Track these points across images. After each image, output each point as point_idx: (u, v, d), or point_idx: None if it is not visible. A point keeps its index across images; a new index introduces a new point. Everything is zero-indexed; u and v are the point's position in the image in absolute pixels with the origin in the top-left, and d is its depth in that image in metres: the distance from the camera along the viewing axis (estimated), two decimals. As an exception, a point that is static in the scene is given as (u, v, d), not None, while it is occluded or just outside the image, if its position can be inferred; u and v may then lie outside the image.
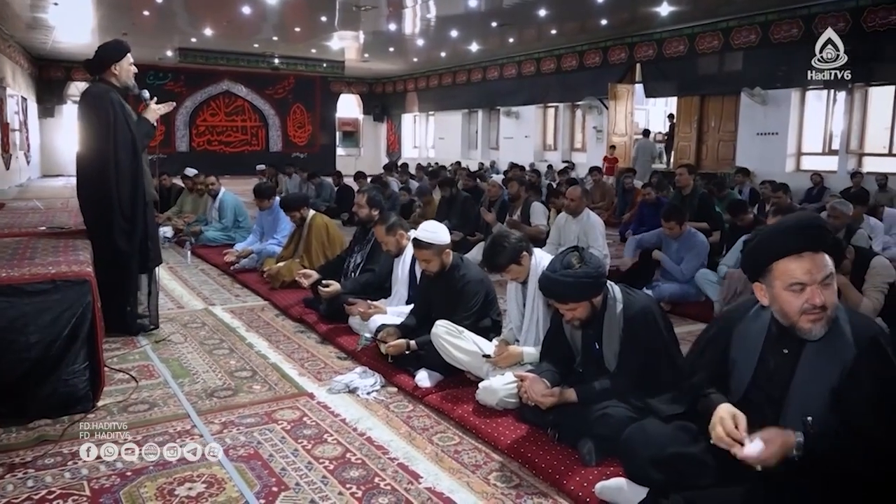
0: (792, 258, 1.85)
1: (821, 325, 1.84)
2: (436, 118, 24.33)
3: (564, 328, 2.93)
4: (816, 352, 1.89)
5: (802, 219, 2.00)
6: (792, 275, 1.85)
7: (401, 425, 3.08)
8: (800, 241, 1.86)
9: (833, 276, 1.86)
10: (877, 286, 3.93)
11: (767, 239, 1.95)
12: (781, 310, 1.90)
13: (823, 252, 1.85)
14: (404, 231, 4.29)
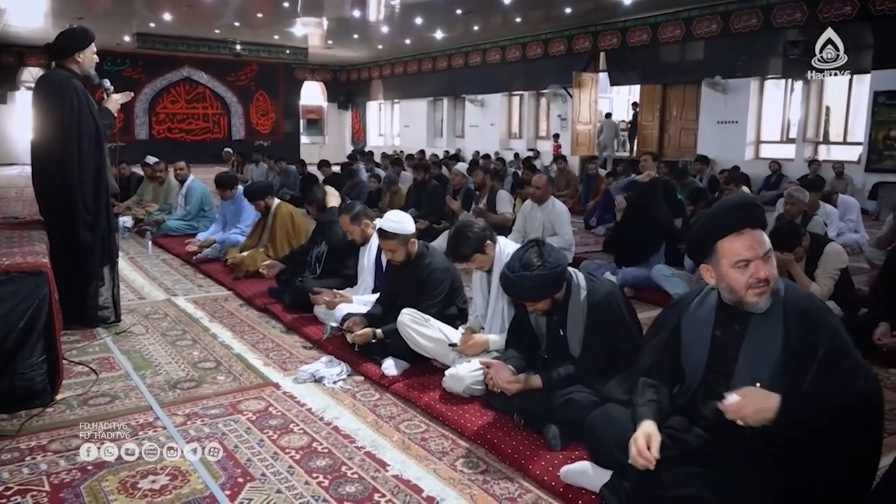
0: (734, 236, 1.94)
1: (766, 298, 1.94)
2: (401, 106, 24.21)
3: (529, 315, 2.95)
4: (760, 324, 1.98)
5: (739, 198, 2.10)
6: (736, 252, 1.93)
7: (367, 414, 3.08)
8: (739, 219, 1.95)
9: (772, 252, 1.95)
10: (828, 272, 4.06)
11: (709, 221, 2.05)
12: (729, 287, 1.98)
13: (761, 229, 1.95)
14: (369, 220, 4.27)
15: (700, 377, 2.13)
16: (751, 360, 1.99)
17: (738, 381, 2.00)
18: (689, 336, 2.16)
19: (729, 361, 2.04)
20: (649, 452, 1.94)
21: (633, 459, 1.99)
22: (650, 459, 1.94)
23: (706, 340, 2.10)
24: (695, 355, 2.14)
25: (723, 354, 2.06)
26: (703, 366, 2.12)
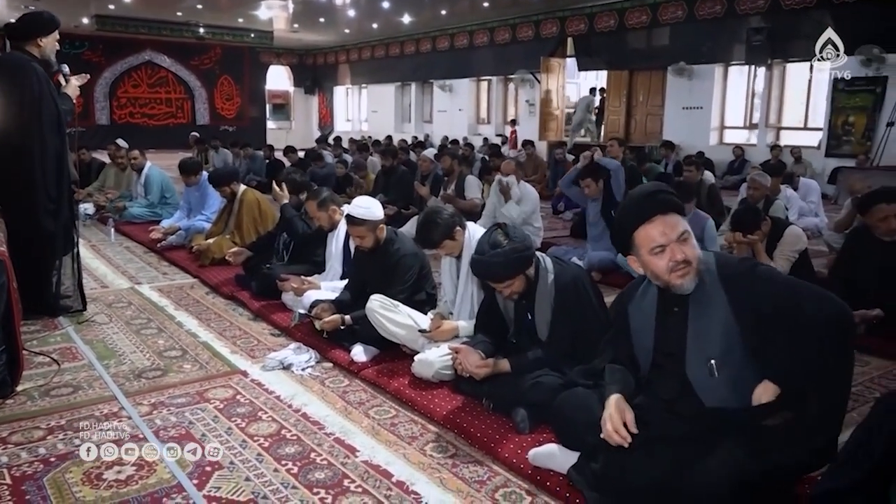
0: (646, 225, 2.00)
1: (689, 279, 2.00)
2: (369, 91, 24.02)
3: (498, 300, 2.97)
4: (700, 302, 2.04)
5: (646, 188, 2.16)
6: (651, 239, 1.99)
7: (336, 400, 3.08)
8: (647, 207, 2.02)
9: (689, 233, 2.01)
10: (785, 254, 4.17)
11: (621, 215, 2.13)
12: (653, 273, 2.05)
13: (673, 213, 2.01)
14: (337, 206, 4.24)
15: (650, 363, 2.19)
16: (699, 339, 2.05)
17: (692, 361, 2.06)
18: (636, 324, 2.23)
19: (678, 343, 2.10)
20: (625, 430, 1.99)
21: (608, 436, 2.02)
22: (626, 437, 1.99)
23: (651, 326, 2.17)
24: (643, 342, 2.21)
25: (670, 338, 2.12)
26: (651, 351, 2.18)
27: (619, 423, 2.02)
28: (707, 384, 2.04)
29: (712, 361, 2.01)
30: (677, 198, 2.07)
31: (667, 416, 2.10)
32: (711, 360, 2.01)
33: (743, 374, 1.99)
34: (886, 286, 3.85)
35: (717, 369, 2.01)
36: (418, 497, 2.29)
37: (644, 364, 2.22)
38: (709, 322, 2.03)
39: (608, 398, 2.12)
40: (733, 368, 2.00)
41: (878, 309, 3.82)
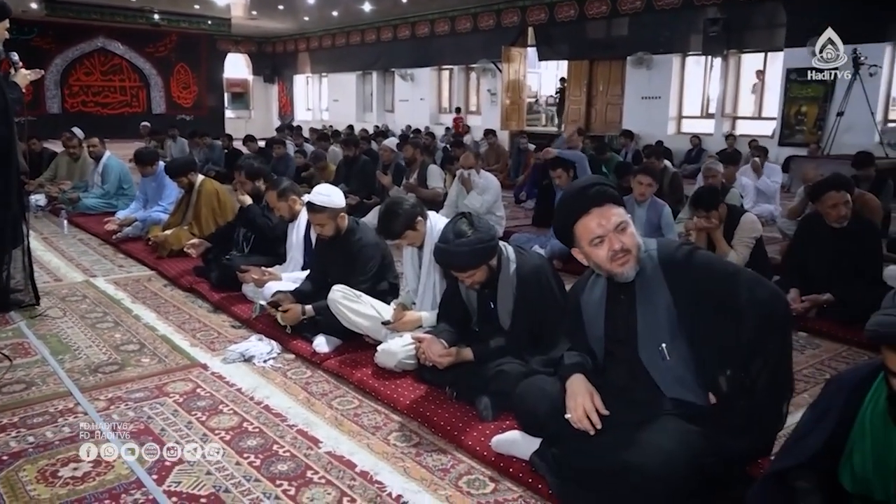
0: (584, 218, 2.05)
1: (630, 266, 2.06)
2: (329, 80, 23.78)
3: (460, 289, 2.97)
4: (644, 289, 2.09)
5: (581, 182, 2.20)
6: (589, 231, 2.05)
7: (299, 392, 3.06)
8: (583, 201, 2.07)
9: (627, 222, 2.06)
10: (744, 241, 4.27)
11: (559, 210, 2.17)
12: (595, 263, 2.11)
13: (609, 204, 2.06)
14: (297, 196, 4.20)
15: (603, 351, 2.24)
16: (649, 325, 2.10)
17: (644, 347, 2.11)
18: (587, 314, 2.28)
19: (629, 331, 2.15)
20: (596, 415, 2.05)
21: (579, 419, 2.05)
22: (597, 422, 2.04)
23: (601, 316, 2.22)
24: (595, 331, 2.26)
25: (621, 326, 2.17)
26: (603, 339, 2.24)
27: (590, 408, 2.06)
28: (661, 367, 2.09)
29: (663, 345, 2.07)
30: (613, 189, 2.13)
31: (623, 402, 2.13)
32: (662, 345, 2.07)
33: (691, 355, 2.05)
34: (836, 271, 3.97)
35: (668, 353, 2.07)
36: (382, 486, 2.29)
37: (598, 352, 2.27)
38: (655, 308, 2.09)
39: (570, 378, 2.16)
40: (683, 351, 2.06)
41: (828, 293, 3.94)
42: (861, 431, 1.61)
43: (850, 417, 1.63)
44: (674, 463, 1.92)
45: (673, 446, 1.93)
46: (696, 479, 1.96)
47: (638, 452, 1.96)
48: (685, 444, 1.94)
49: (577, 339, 2.33)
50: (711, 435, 1.98)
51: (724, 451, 1.97)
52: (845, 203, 3.96)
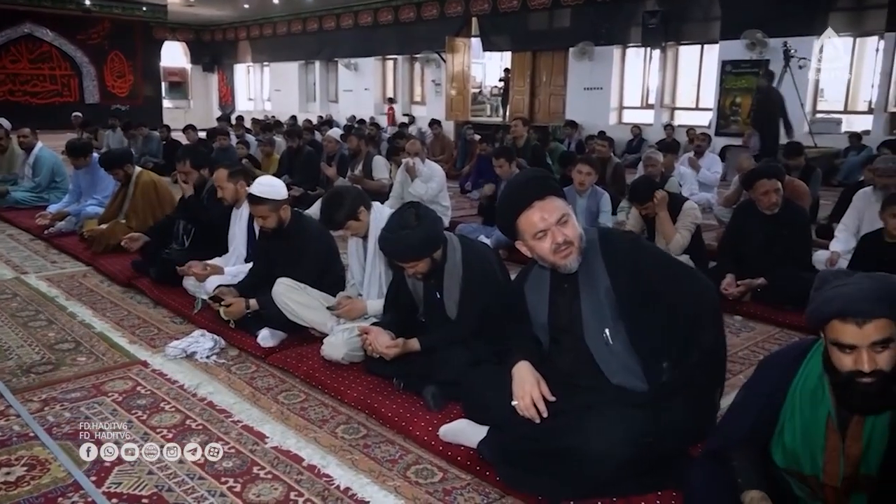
0: (526, 212, 2.07)
1: (573, 258, 2.09)
2: (271, 69, 23.34)
3: (406, 280, 2.97)
4: (586, 277, 2.14)
5: (522, 177, 2.23)
6: (532, 224, 2.07)
7: (244, 387, 3.01)
8: (524, 195, 2.09)
9: (569, 215, 2.09)
10: (686, 226, 4.40)
11: (501, 205, 2.20)
12: (539, 256, 2.13)
13: (551, 197, 2.08)
14: (245, 182, 4.09)
15: (548, 339, 2.28)
16: (593, 312, 2.15)
17: (589, 333, 2.16)
18: (532, 304, 2.31)
19: (574, 319, 2.19)
20: (542, 404, 2.07)
21: (526, 408, 2.08)
22: (543, 410, 2.07)
23: (545, 305, 2.26)
24: (540, 320, 2.29)
25: (565, 314, 2.21)
26: (547, 328, 2.28)
27: (538, 397, 2.08)
28: (605, 353, 2.14)
29: (606, 331, 2.12)
30: (554, 181, 2.16)
31: (568, 388, 2.17)
32: (605, 330, 2.12)
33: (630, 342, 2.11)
34: (769, 256, 4.12)
35: (611, 338, 2.12)
36: (330, 479, 2.28)
37: (544, 340, 2.30)
38: (597, 295, 2.14)
39: (516, 366, 2.18)
40: (625, 336, 2.11)
41: (762, 278, 4.09)
42: (791, 408, 1.69)
43: (780, 396, 1.70)
44: (616, 445, 1.98)
45: (615, 429, 1.99)
46: (637, 461, 2.02)
47: (581, 436, 2.01)
48: (627, 427, 2.00)
49: (521, 327, 2.36)
50: (652, 418, 2.04)
51: (665, 433, 2.04)
52: (776, 190, 4.11)
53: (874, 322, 1.48)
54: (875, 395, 1.51)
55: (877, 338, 1.48)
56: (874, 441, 1.58)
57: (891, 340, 1.49)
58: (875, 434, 1.57)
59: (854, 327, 1.49)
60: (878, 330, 1.48)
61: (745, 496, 1.64)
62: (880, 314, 1.48)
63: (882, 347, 1.49)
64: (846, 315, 1.50)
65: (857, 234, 4.49)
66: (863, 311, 1.48)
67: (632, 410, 2.04)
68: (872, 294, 1.48)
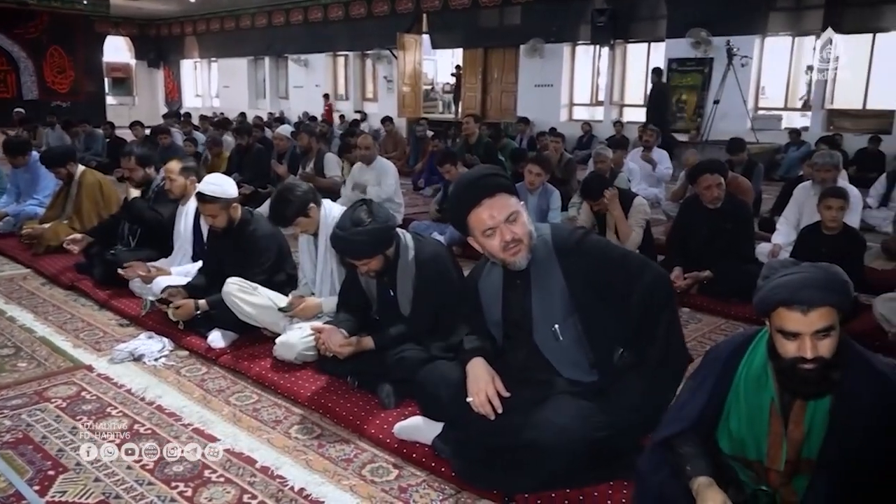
0: (476, 209, 2.08)
1: (522, 255, 2.11)
2: (219, 65, 22.88)
3: (359, 278, 2.95)
4: (538, 274, 2.17)
5: (472, 174, 2.22)
6: (481, 222, 2.08)
7: (194, 389, 2.95)
8: (474, 193, 2.10)
9: (518, 213, 2.10)
10: (638, 222, 4.50)
11: (452, 201, 2.20)
12: (489, 252, 2.15)
13: (501, 194, 2.07)
14: (196, 179, 4.01)
15: (501, 334, 2.30)
16: (543, 308, 2.18)
17: (538, 328, 2.19)
18: (485, 299, 2.33)
19: (525, 314, 2.22)
20: (497, 400, 2.09)
21: (481, 404, 2.09)
22: (498, 407, 2.08)
23: (498, 300, 2.28)
24: (493, 316, 2.31)
25: (517, 310, 2.24)
26: (500, 323, 2.29)
27: (492, 393, 2.10)
28: (555, 349, 2.18)
29: (556, 326, 2.15)
30: (505, 178, 2.16)
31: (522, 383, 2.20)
32: (555, 326, 2.15)
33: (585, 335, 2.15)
34: (714, 249, 4.23)
35: (560, 333, 2.15)
36: (284, 480, 2.25)
37: (497, 336, 2.32)
38: (548, 291, 2.16)
39: (470, 362, 2.19)
40: (576, 331, 2.15)
41: (708, 271, 4.20)
42: (736, 396, 1.74)
43: (726, 384, 1.75)
44: (569, 437, 2.01)
45: (568, 422, 2.02)
46: (591, 452, 2.06)
47: (535, 430, 2.04)
48: (580, 420, 2.04)
49: (475, 323, 2.37)
50: (606, 410, 2.08)
51: (618, 424, 2.08)
52: (718, 185, 4.22)
53: (818, 310, 1.53)
54: (816, 381, 1.57)
55: (820, 326, 1.54)
56: (815, 426, 1.63)
57: (833, 328, 1.55)
58: (816, 419, 1.63)
59: (799, 315, 1.54)
60: (822, 318, 1.54)
61: (692, 483, 1.68)
62: (824, 303, 1.53)
63: (824, 335, 1.55)
64: (792, 303, 1.55)
65: (797, 227, 4.65)
66: (808, 299, 1.53)
67: (585, 404, 2.08)
68: (818, 283, 1.54)
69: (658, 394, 2.11)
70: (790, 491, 1.70)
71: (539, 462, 2.06)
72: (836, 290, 1.55)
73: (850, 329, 3.45)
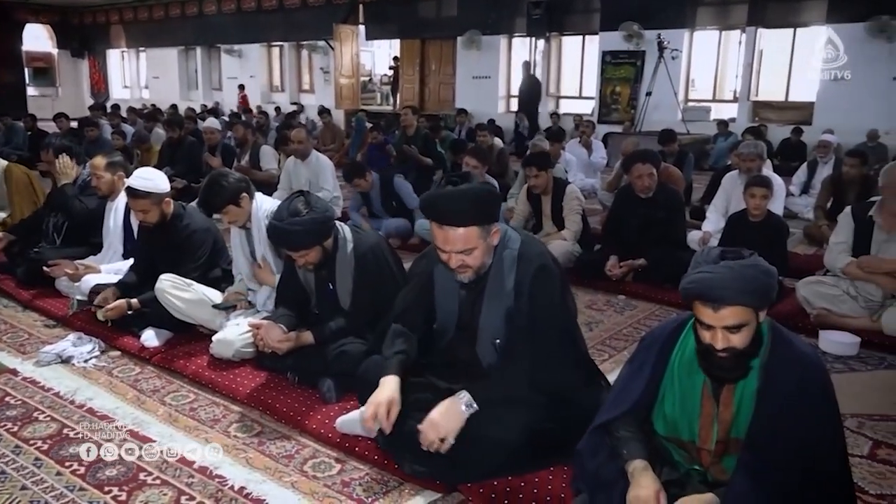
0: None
1: (467, 277, 2.13)
2: (148, 55, 22.11)
3: (298, 272, 2.91)
4: (495, 282, 2.18)
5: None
6: (436, 240, 2.10)
7: (127, 390, 2.86)
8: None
9: (476, 248, 2.06)
10: (573, 209, 4.61)
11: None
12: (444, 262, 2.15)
13: (471, 227, 2.03)
14: (124, 174, 3.86)
15: (453, 329, 2.31)
16: (489, 318, 2.20)
17: (482, 337, 2.21)
18: (440, 287, 2.31)
19: (473, 318, 2.24)
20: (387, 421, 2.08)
21: (364, 421, 2.10)
22: (386, 427, 2.08)
23: (455, 295, 2.27)
24: (448, 307, 2.30)
25: (468, 310, 2.25)
26: (455, 318, 2.29)
27: (382, 416, 2.08)
28: (493, 361, 2.21)
29: (497, 341, 2.18)
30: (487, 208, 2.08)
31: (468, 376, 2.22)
32: (496, 340, 2.18)
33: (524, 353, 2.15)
34: (648, 238, 4.35)
35: (501, 348, 2.18)
36: (223, 480, 2.21)
37: (447, 326, 2.31)
38: (498, 303, 2.18)
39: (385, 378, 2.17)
40: (515, 347, 2.16)
41: (642, 258, 4.31)
42: (671, 379, 1.80)
43: (661, 368, 1.81)
44: (512, 431, 2.06)
45: (509, 417, 2.08)
46: (532, 444, 2.10)
47: (479, 425, 2.07)
48: (522, 414, 2.09)
49: (419, 302, 2.34)
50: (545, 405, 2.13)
51: (557, 419, 2.12)
52: (650, 175, 4.35)
53: (729, 308, 1.60)
54: (728, 368, 1.66)
55: (731, 322, 1.61)
56: (743, 406, 1.70)
57: (745, 324, 1.62)
58: (744, 400, 1.70)
59: (710, 310, 1.62)
60: (733, 315, 1.61)
61: (628, 466, 1.73)
62: (735, 302, 1.60)
63: (736, 330, 1.62)
64: (704, 300, 1.62)
65: (726, 214, 4.81)
66: (718, 298, 1.60)
67: (529, 399, 2.12)
68: (729, 283, 1.59)
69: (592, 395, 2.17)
70: (720, 469, 1.77)
71: (481, 455, 2.09)
72: (748, 292, 1.59)
73: (776, 311, 3.62)
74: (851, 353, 3.33)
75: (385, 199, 5.59)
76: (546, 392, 2.13)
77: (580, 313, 3.42)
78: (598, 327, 3.75)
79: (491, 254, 2.15)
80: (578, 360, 2.29)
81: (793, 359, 1.67)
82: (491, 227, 2.10)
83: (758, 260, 1.66)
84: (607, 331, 3.70)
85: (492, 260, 2.16)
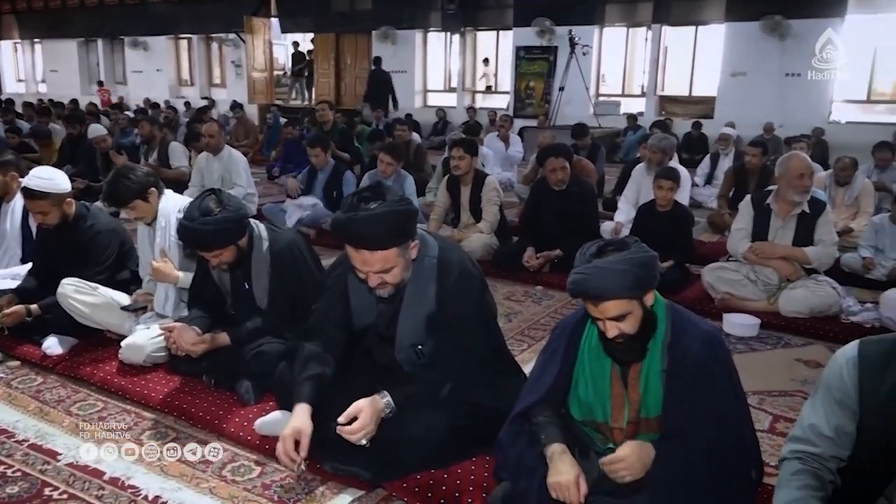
0: (351, 250, 2.02)
1: (387, 291, 2.10)
2: (44, 47, 20.89)
3: (211, 272, 2.83)
4: (415, 287, 2.18)
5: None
6: (352, 260, 2.04)
7: (29, 402, 2.70)
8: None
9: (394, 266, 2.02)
10: (491, 200, 4.70)
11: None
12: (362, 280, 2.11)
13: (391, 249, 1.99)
14: (17, 173, 3.64)
15: (372, 335, 2.31)
16: (408, 324, 2.20)
17: (401, 344, 2.22)
18: (357, 298, 2.27)
19: (391, 325, 2.24)
20: (295, 454, 2.01)
21: (278, 454, 2.03)
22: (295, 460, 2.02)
23: (373, 305, 2.25)
24: (365, 317, 2.29)
25: (386, 318, 2.25)
26: (374, 327, 2.29)
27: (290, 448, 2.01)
28: (416, 365, 2.22)
29: (419, 347, 2.19)
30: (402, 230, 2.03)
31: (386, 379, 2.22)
32: (419, 346, 2.19)
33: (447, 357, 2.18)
34: (562, 229, 4.46)
35: (422, 353, 2.20)
36: (137, 490, 2.13)
37: (367, 334, 2.31)
38: (418, 310, 2.18)
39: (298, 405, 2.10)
40: (439, 352, 2.19)
41: (557, 249, 4.42)
42: (582, 365, 1.87)
43: (572, 355, 1.88)
44: (434, 430, 2.10)
45: (434, 416, 2.11)
46: (455, 440, 2.13)
47: (398, 424, 2.09)
48: (444, 412, 2.13)
49: (335, 312, 2.31)
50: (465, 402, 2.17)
51: (479, 415, 2.16)
52: (563, 168, 4.47)
53: (608, 302, 1.69)
54: (624, 351, 1.77)
55: (613, 314, 1.70)
56: (650, 386, 1.79)
57: (628, 313, 1.71)
58: (650, 381, 1.79)
59: (592, 305, 1.73)
60: (615, 307, 1.70)
61: (547, 450, 1.78)
62: (610, 297, 1.68)
63: (621, 319, 1.71)
64: (583, 297, 1.73)
65: (636, 205, 4.99)
66: (594, 295, 1.70)
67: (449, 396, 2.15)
68: (601, 282, 1.67)
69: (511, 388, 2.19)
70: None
71: (403, 453, 2.10)
72: (622, 287, 1.67)
73: (683, 297, 3.81)
74: (752, 334, 3.53)
75: (329, 185, 5.60)
76: (467, 389, 2.16)
77: (499, 304, 3.49)
78: (517, 318, 3.83)
79: (410, 267, 2.12)
80: (498, 356, 2.33)
81: (695, 336, 1.77)
82: (409, 243, 2.07)
83: (633, 252, 1.72)
84: (526, 321, 3.78)
85: (411, 271, 2.14)
